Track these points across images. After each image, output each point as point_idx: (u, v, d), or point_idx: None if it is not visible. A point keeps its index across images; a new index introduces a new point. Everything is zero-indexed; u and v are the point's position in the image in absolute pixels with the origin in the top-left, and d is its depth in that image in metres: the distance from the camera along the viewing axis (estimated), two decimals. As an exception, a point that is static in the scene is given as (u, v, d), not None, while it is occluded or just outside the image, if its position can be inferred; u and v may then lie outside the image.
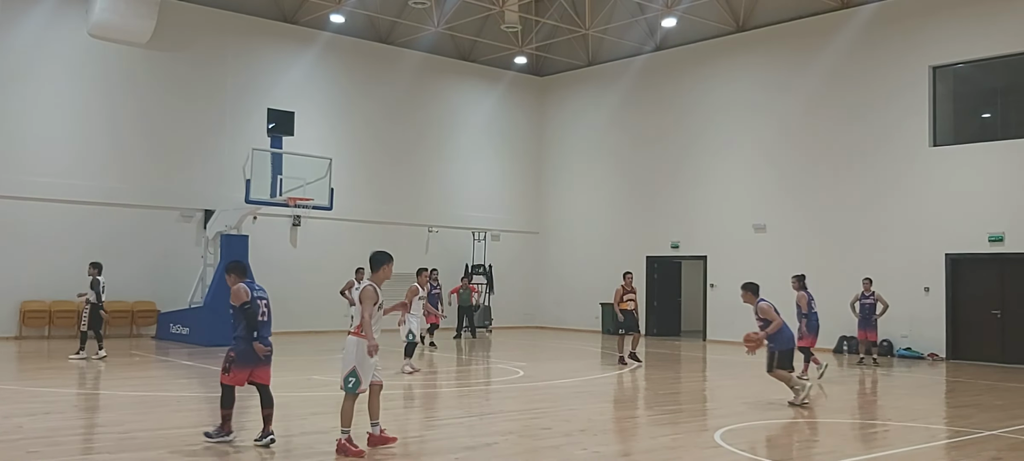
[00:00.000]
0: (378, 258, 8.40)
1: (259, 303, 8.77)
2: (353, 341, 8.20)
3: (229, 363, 8.72)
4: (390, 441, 8.51)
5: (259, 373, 8.76)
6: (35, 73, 20.81)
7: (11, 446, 8.33)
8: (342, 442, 8.10)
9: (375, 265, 8.38)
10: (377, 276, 8.34)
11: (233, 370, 8.65)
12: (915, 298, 20.43)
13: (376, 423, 8.38)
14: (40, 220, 20.62)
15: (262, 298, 8.85)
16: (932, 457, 9.21)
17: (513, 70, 29.16)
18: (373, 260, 8.41)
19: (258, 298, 8.79)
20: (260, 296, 8.85)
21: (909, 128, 20.99)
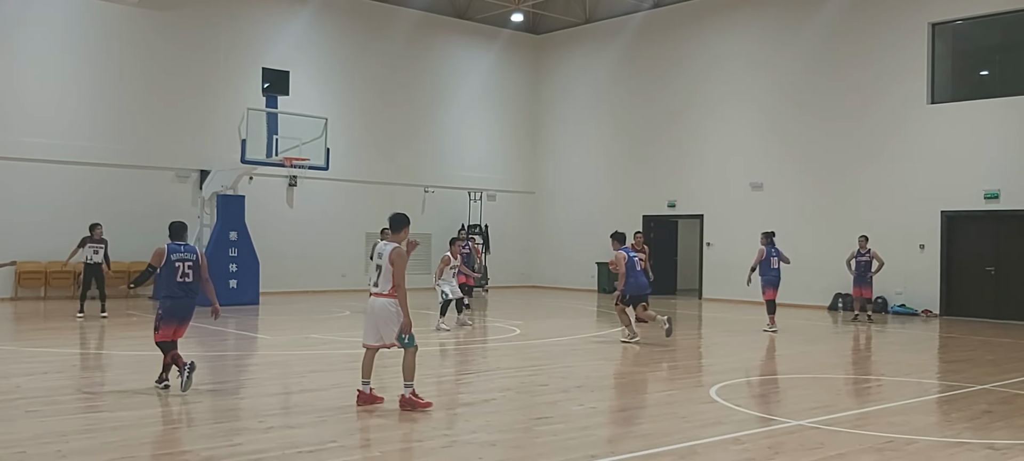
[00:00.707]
0: (402, 219, 8.55)
1: (177, 265, 9.29)
2: (387, 304, 8.25)
3: (157, 321, 9.36)
4: (377, 400, 8.54)
5: (182, 330, 9.44)
6: (27, 33, 20.63)
7: (10, 405, 8.37)
8: (406, 396, 8.25)
9: (399, 226, 8.49)
10: (401, 237, 8.43)
11: (161, 327, 9.30)
12: (910, 255, 20.51)
13: (409, 384, 8.37)
14: (34, 182, 20.55)
15: (185, 260, 9.35)
16: (924, 411, 9.30)
17: (509, 28, 28.95)
18: (397, 221, 8.52)
19: (179, 260, 9.31)
20: (182, 257, 9.36)
21: (907, 85, 20.93)
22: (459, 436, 7.45)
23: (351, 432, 7.52)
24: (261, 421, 7.93)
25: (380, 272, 8.34)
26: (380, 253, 8.39)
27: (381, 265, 8.33)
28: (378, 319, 8.36)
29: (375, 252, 8.49)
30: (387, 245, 8.41)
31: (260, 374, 11.08)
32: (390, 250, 8.29)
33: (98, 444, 6.89)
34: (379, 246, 8.47)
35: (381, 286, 8.33)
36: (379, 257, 8.38)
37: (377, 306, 8.33)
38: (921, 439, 7.62)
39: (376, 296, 8.36)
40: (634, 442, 7.33)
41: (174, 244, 9.47)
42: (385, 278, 8.30)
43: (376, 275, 8.36)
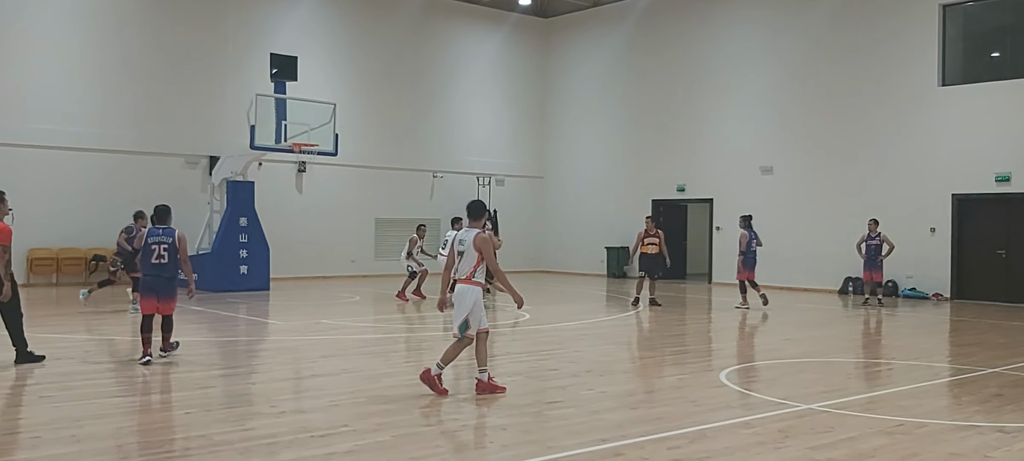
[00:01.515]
0: (480, 207, 8.65)
1: (153, 247, 10.08)
2: (468, 290, 8.32)
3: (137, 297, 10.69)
4: (499, 390, 8.51)
5: (163, 305, 10.16)
6: (35, 19, 20.66)
7: (24, 391, 8.44)
8: (483, 381, 8.39)
9: (479, 213, 8.56)
10: (480, 224, 8.51)
11: (143, 301, 10.22)
12: (921, 238, 20.44)
13: (484, 369, 8.45)
14: (45, 168, 20.63)
15: (161, 243, 10.10)
16: (935, 394, 9.29)
17: (517, 12, 28.85)
18: (477, 209, 8.60)
19: (155, 243, 10.09)
20: (159, 240, 10.12)
21: (918, 68, 20.81)
22: (470, 421, 7.48)
23: (363, 416, 7.56)
24: (273, 406, 7.98)
25: (462, 258, 8.38)
26: (463, 240, 8.40)
27: (464, 251, 8.36)
28: (456, 304, 8.42)
29: (456, 241, 8.50)
30: (470, 231, 8.43)
31: (271, 359, 11.14)
32: (474, 236, 8.35)
33: (112, 429, 6.95)
34: (460, 234, 8.49)
35: (462, 273, 8.39)
36: (461, 244, 8.41)
37: (457, 291, 8.40)
38: (931, 422, 7.62)
39: (459, 281, 8.43)
40: (644, 426, 7.35)
41: (154, 228, 10.27)
42: (467, 264, 8.35)
43: (459, 262, 8.41)
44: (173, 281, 10.24)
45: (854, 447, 6.70)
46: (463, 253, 8.37)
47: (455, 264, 8.45)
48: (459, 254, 8.40)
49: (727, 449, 6.64)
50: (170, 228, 10.31)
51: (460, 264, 8.39)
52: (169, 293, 10.20)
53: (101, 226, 21.08)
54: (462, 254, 8.37)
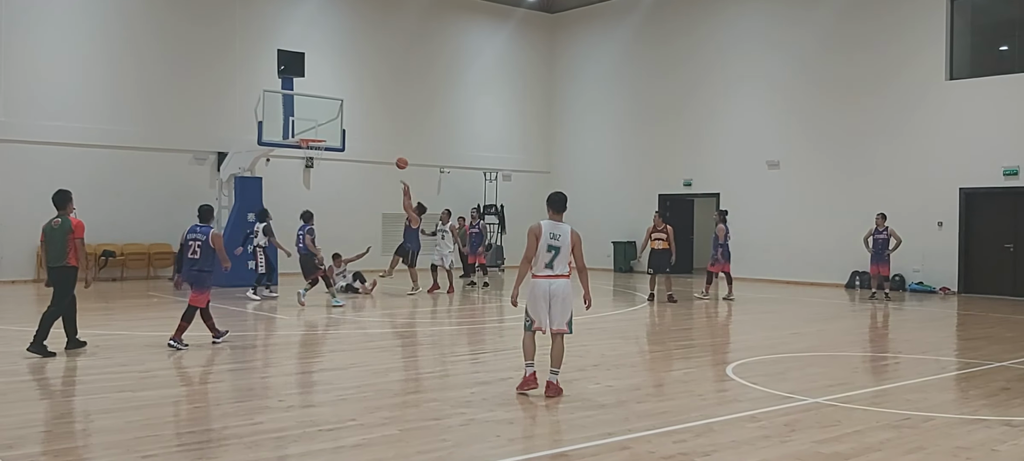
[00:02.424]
0: (565, 198, 8.46)
1: (190, 243, 10.84)
2: (567, 285, 8.16)
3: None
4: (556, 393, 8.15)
5: (193, 297, 10.84)
6: (45, 17, 20.74)
7: (35, 385, 8.50)
8: (554, 384, 8.16)
9: (564, 205, 8.36)
10: (562, 216, 8.31)
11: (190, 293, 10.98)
12: (928, 232, 20.40)
13: (557, 371, 8.20)
14: (54, 164, 20.71)
15: (196, 239, 10.84)
16: (942, 388, 9.30)
17: (524, 7, 28.85)
18: (563, 201, 8.39)
19: (191, 239, 10.85)
20: (194, 238, 10.85)
21: (925, 61, 20.75)
22: (476, 415, 7.52)
23: (370, 410, 7.60)
24: (281, 400, 8.03)
25: (557, 254, 8.07)
26: (557, 234, 8.11)
27: (559, 246, 8.07)
28: (556, 301, 8.09)
29: (548, 234, 8.12)
30: (562, 226, 8.19)
31: (279, 353, 11.19)
32: (570, 231, 8.14)
33: (121, 423, 7.00)
34: (552, 226, 8.16)
35: (558, 267, 8.10)
36: (555, 238, 8.10)
37: (557, 288, 8.08)
38: (938, 416, 7.63)
39: (554, 278, 8.10)
40: (651, 420, 7.37)
41: (193, 226, 11.00)
42: (563, 259, 8.08)
43: (552, 256, 8.07)
44: (203, 274, 10.88)
45: (861, 441, 6.72)
46: (559, 248, 8.06)
47: (545, 258, 8.06)
48: (552, 249, 8.05)
49: (733, 443, 6.66)
50: (207, 226, 10.98)
51: (556, 258, 8.05)
52: (201, 285, 10.84)
53: (110, 222, 21.22)
54: (557, 249, 8.05)
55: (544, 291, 8.10)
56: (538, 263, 8.12)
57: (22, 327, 13.17)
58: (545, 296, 8.08)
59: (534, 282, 8.14)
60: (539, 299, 8.10)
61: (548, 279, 8.08)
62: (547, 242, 8.06)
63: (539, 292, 8.10)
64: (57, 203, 10.45)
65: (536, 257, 8.09)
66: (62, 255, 10.21)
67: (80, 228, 10.32)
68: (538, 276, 8.14)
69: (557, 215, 8.25)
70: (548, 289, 8.09)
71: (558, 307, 8.08)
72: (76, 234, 10.22)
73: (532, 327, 8.16)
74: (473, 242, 20.61)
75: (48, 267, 10.45)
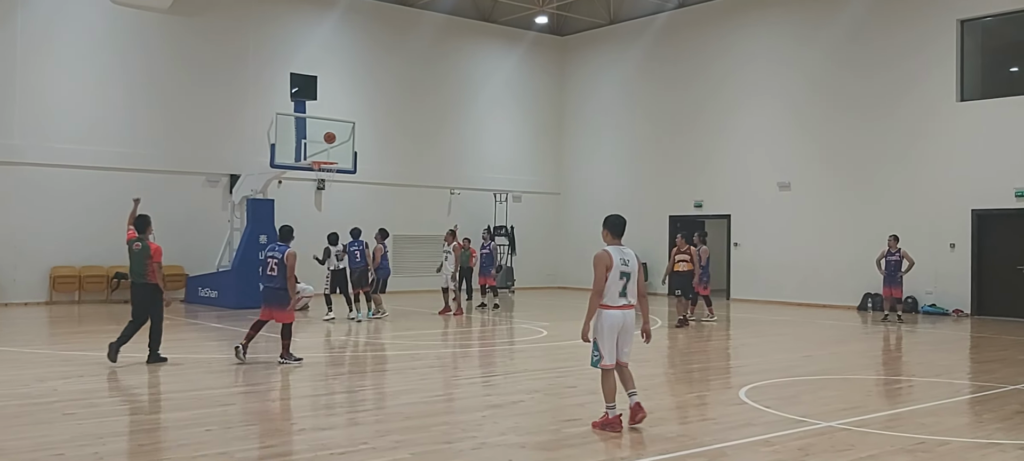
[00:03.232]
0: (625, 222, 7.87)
1: (267, 260, 11.34)
2: (633, 316, 7.67)
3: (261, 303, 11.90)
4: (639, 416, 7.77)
5: (277, 314, 11.26)
6: (59, 41, 20.96)
7: (48, 408, 8.54)
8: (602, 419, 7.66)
9: (623, 229, 7.79)
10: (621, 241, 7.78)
11: (262, 309, 11.57)
12: (940, 254, 20.31)
13: (634, 392, 7.79)
14: (67, 186, 20.88)
15: (272, 257, 11.31)
16: (956, 411, 9.23)
17: (534, 30, 28.99)
18: (622, 224, 7.82)
19: (269, 257, 11.33)
20: (271, 256, 11.33)
21: (936, 82, 20.73)
22: (488, 438, 7.50)
23: (381, 434, 7.60)
24: (293, 423, 8.03)
25: (629, 281, 7.59)
26: (626, 260, 7.60)
27: (630, 273, 7.60)
28: (628, 333, 7.65)
29: (619, 261, 7.57)
30: (627, 250, 7.72)
31: (291, 376, 11.20)
32: (635, 256, 7.73)
33: (134, 446, 7.01)
34: (620, 252, 7.61)
35: (631, 296, 7.62)
36: (626, 264, 7.58)
37: (631, 319, 7.63)
38: (953, 440, 7.58)
39: (625, 309, 7.59)
40: (663, 444, 7.34)
41: (272, 244, 11.73)
42: (634, 286, 7.62)
43: (624, 284, 7.55)
44: (282, 292, 11.31)
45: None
46: (630, 275, 7.58)
47: (618, 287, 7.52)
48: (625, 276, 7.53)
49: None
50: (284, 245, 11.53)
51: (628, 286, 7.55)
52: (280, 303, 11.29)
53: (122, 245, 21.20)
54: (629, 276, 7.57)
55: (620, 323, 7.57)
56: (610, 293, 7.53)
57: (35, 349, 13.24)
58: (620, 328, 7.58)
59: (609, 314, 7.54)
60: (615, 331, 7.56)
61: (623, 310, 7.54)
62: (619, 269, 7.53)
63: (615, 324, 7.56)
64: (138, 227, 11.55)
65: (607, 287, 7.51)
66: (142, 274, 11.28)
67: (158, 252, 11.30)
68: (613, 307, 7.54)
69: (617, 239, 7.73)
70: (623, 320, 7.57)
71: (627, 337, 7.68)
72: (154, 258, 11.21)
73: (600, 363, 7.63)
74: (483, 264, 20.61)
75: (131, 283, 11.53)
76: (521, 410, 8.83)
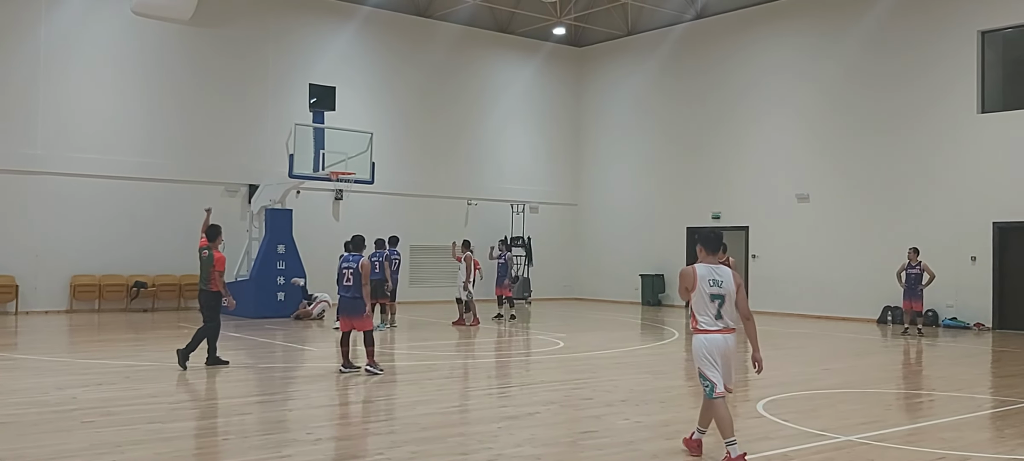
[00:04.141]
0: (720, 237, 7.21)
1: (343, 270, 11.51)
2: (733, 340, 6.99)
3: (336, 314, 12.55)
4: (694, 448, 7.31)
5: (356, 323, 11.48)
6: (80, 52, 21.18)
7: (67, 416, 8.59)
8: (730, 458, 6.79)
9: (719, 245, 7.11)
10: (719, 257, 7.13)
11: (339, 319, 11.82)
12: (961, 267, 20.12)
13: (704, 430, 7.31)
14: (88, 196, 21.06)
15: (348, 267, 11.49)
16: (977, 426, 9.13)
17: (551, 41, 29.03)
18: (717, 240, 7.10)
19: (345, 267, 11.51)
20: (347, 266, 11.52)
21: (956, 94, 20.59)
22: (504, 450, 7.48)
23: (397, 445, 7.59)
24: (309, 433, 8.04)
25: (722, 302, 6.89)
26: (718, 280, 6.86)
27: (723, 294, 6.87)
28: (728, 360, 7.00)
29: (706, 280, 6.87)
30: (722, 269, 6.97)
31: (307, 386, 11.22)
32: (733, 275, 6.99)
33: (152, 455, 7.04)
34: (710, 271, 6.91)
35: (728, 318, 6.94)
36: (716, 284, 6.87)
37: (732, 343, 6.97)
38: (974, 455, 7.49)
39: (724, 332, 6.92)
40: (680, 457, 7.30)
41: (345, 255, 11.76)
42: (731, 307, 6.96)
43: (718, 306, 6.87)
44: (359, 301, 11.48)
45: (894, 480, 6.60)
46: (723, 296, 6.86)
47: (711, 309, 6.86)
48: (716, 298, 6.84)
49: (764, 481, 6.57)
50: (358, 255, 11.71)
51: (722, 307, 6.87)
52: (358, 312, 11.47)
53: (142, 254, 21.49)
54: (722, 298, 6.85)
55: (720, 347, 6.92)
56: (704, 315, 6.91)
57: (55, 357, 13.34)
58: (721, 352, 6.93)
59: (707, 339, 6.91)
60: (715, 356, 6.93)
61: (723, 334, 6.90)
62: (707, 290, 6.86)
63: (714, 348, 6.91)
64: (209, 236, 11.97)
65: (699, 309, 6.91)
66: (207, 280, 11.81)
67: (221, 262, 11.84)
68: (709, 331, 6.91)
69: (712, 256, 7.00)
70: (724, 345, 6.92)
71: (727, 364, 7.01)
72: (217, 267, 11.72)
73: (713, 391, 6.93)
74: (499, 274, 20.61)
75: (199, 289, 12.19)
76: (537, 421, 8.81)
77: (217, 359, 11.96)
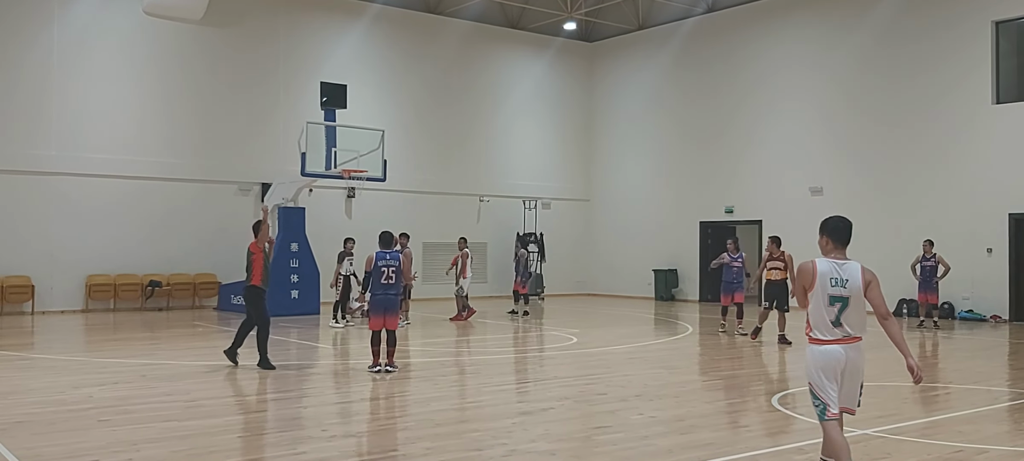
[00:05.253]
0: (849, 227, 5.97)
1: (383, 269, 11.26)
2: (862, 351, 5.73)
3: (364, 314, 12.41)
4: None
5: (389, 321, 11.26)
6: (93, 52, 21.28)
7: (83, 415, 8.64)
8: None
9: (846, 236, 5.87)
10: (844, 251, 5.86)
11: (371, 317, 11.40)
12: (977, 259, 19.99)
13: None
14: (102, 196, 21.17)
15: (389, 265, 11.29)
16: (994, 419, 9.06)
17: (562, 36, 28.99)
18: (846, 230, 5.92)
19: (384, 265, 11.28)
20: (387, 263, 11.31)
21: (971, 85, 20.44)
22: (518, 445, 7.48)
23: (412, 441, 7.60)
24: (324, 430, 8.06)
25: (844, 306, 5.61)
26: (841, 279, 5.61)
27: (847, 295, 5.59)
28: (851, 376, 5.67)
29: (826, 278, 5.63)
30: (849, 265, 5.70)
31: (322, 383, 11.25)
32: (860, 270, 5.67)
33: (167, 453, 7.07)
34: (832, 267, 5.66)
35: (850, 325, 5.64)
36: (839, 283, 5.60)
37: (854, 357, 5.65)
38: (992, 449, 7.44)
39: (848, 341, 5.63)
40: (695, 452, 7.28)
41: (381, 252, 11.45)
42: (856, 312, 5.63)
43: (838, 310, 5.60)
44: (398, 298, 11.45)
45: (911, 474, 6.56)
46: (846, 298, 5.60)
47: (829, 314, 5.62)
48: (837, 300, 5.59)
49: (780, 475, 6.54)
50: (396, 251, 11.58)
51: (844, 312, 5.60)
52: (395, 310, 11.38)
53: (156, 253, 21.59)
54: (844, 300, 5.60)
55: (837, 360, 5.60)
56: (819, 321, 5.65)
57: (71, 356, 13.42)
58: (839, 368, 5.61)
59: (822, 351, 5.64)
60: (831, 372, 5.61)
61: (841, 344, 5.61)
62: (827, 290, 5.61)
63: (830, 362, 5.60)
64: (254, 230, 12.00)
65: (813, 312, 5.67)
66: (247, 276, 11.82)
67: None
68: (824, 341, 5.63)
69: (839, 249, 5.76)
70: (843, 358, 5.61)
71: (851, 381, 5.67)
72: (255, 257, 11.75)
73: (825, 414, 5.67)
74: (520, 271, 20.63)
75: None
76: (551, 417, 8.80)
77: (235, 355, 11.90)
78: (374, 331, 11.32)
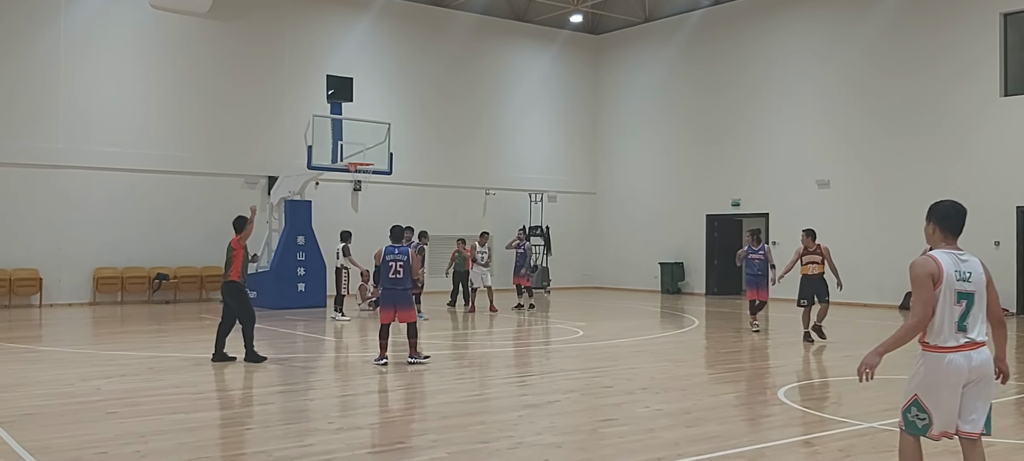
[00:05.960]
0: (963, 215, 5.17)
1: (390, 263, 11.23)
2: (921, 357, 4.95)
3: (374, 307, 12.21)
4: None
5: (401, 314, 11.21)
6: (100, 46, 21.31)
7: (91, 407, 8.67)
8: None
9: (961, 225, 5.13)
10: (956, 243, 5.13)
11: (381, 310, 11.44)
12: (985, 252, 19.82)
13: None
14: (109, 189, 21.23)
15: (397, 260, 11.26)
16: (1001, 413, 9.02)
17: (568, 29, 28.93)
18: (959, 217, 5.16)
19: (392, 260, 11.26)
20: (395, 258, 11.28)
21: (979, 77, 20.35)
22: (524, 438, 7.48)
23: (418, 433, 7.61)
24: (330, 422, 8.08)
25: (970, 304, 4.82)
26: (966, 274, 4.84)
27: (973, 291, 4.82)
28: (976, 386, 4.84)
29: (955, 272, 4.84)
30: (970, 259, 4.95)
31: (328, 376, 11.28)
32: (982, 265, 4.98)
33: (175, 445, 7.09)
34: (956, 262, 4.89)
35: (975, 329, 4.82)
36: (965, 278, 4.82)
37: (979, 365, 4.81)
38: (998, 442, 7.42)
39: (973, 347, 4.79)
40: (701, 445, 7.27)
41: (389, 247, 11.46)
42: (980, 313, 4.86)
43: (963, 310, 4.80)
44: (408, 292, 11.35)
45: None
46: (972, 296, 4.81)
47: (953, 314, 4.80)
48: (964, 297, 4.80)
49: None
50: (404, 246, 11.56)
51: (969, 313, 4.80)
52: (406, 303, 11.27)
53: (163, 246, 21.65)
54: (970, 298, 4.81)
55: (960, 370, 4.78)
56: (942, 325, 4.81)
57: (79, 349, 13.47)
58: (959, 379, 4.79)
59: (939, 358, 4.82)
60: (949, 384, 4.81)
61: (964, 351, 4.79)
62: (954, 287, 4.80)
63: (951, 372, 4.79)
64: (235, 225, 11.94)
65: (935, 314, 4.82)
66: (226, 272, 11.81)
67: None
68: (944, 348, 4.80)
69: (953, 239, 5.04)
70: (967, 367, 4.78)
71: (978, 394, 4.84)
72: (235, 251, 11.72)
73: (928, 430, 4.93)
74: (517, 263, 20.61)
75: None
76: (557, 410, 8.80)
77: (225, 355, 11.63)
78: (383, 324, 11.35)
